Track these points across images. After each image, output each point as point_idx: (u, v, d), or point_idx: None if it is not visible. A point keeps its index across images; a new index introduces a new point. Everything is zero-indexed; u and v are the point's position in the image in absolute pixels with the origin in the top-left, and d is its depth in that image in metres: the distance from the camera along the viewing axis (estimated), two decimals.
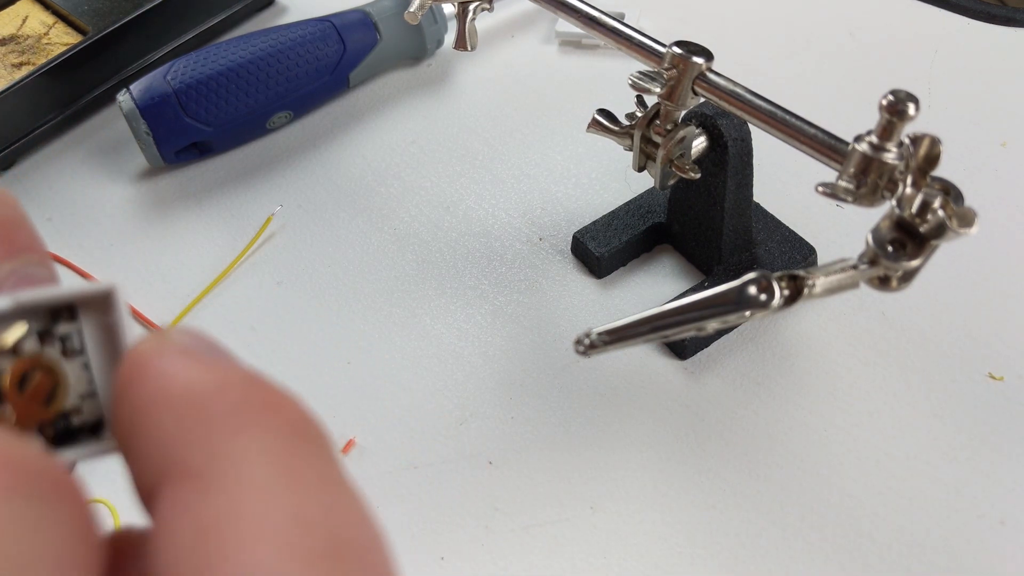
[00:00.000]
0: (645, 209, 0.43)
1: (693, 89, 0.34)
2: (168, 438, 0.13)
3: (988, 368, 0.39)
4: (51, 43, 0.49)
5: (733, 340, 0.40)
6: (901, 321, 0.40)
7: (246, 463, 0.13)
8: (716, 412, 0.38)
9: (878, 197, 0.30)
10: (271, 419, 0.14)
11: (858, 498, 0.35)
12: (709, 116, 0.37)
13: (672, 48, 0.34)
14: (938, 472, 0.36)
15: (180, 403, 0.14)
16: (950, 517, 0.35)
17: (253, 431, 0.13)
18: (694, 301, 0.29)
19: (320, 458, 0.14)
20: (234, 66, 0.45)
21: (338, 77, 0.49)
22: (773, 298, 0.28)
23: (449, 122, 0.50)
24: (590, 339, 0.30)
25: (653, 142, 0.37)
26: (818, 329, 0.40)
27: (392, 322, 0.41)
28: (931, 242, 0.28)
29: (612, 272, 0.43)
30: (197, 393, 0.14)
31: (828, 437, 0.37)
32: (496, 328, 0.41)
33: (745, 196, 0.40)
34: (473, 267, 0.43)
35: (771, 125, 0.32)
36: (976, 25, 0.52)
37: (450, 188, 0.46)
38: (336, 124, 0.50)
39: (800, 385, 0.39)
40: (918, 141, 0.28)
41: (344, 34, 0.48)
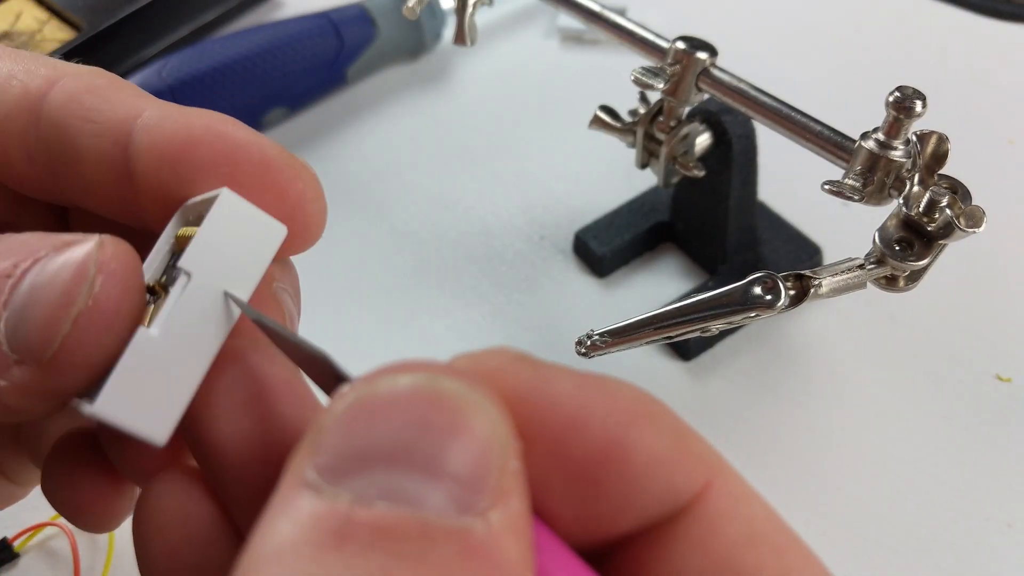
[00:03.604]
0: (648, 207, 0.43)
1: (697, 85, 0.34)
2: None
3: (996, 369, 0.38)
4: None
5: (738, 341, 0.39)
6: (908, 322, 0.40)
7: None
8: (720, 414, 0.37)
9: (885, 195, 0.29)
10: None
11: (864, 501, 0.35)
12: (713, 113, 0.37)
13: (676, 43, 0.34)
14: (945, 474, 0.36)
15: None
16: (957, 520, 0.34)
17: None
18: (698, 301, 0.28)
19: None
20: (229, 62, 0.45)
21: (335, 73, 0.48)
22: (779, 298, 0.27)
23: (448, 119, 0.49)
24: (591, 340, 0.29)
25: (656, 139, 0.37)
26: (824, 330, 0.40)
27: (390, 322, 0.41)
28: (939, 241, 0.28)
29: (614, 271, 0.42)
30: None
31: (834, 439, 0.37)
32: (496, 328, 0.40)
33: (750, 194, 0.39)
34: (472, 266, 0.43)
35: (776, 122, 0.32)
36: (983, 21, 0.51)
37: (449, 186, 0.46)
38: (333, 121, 0.49)
39: (806, 387, 0.38)
40: (925, 139, 0.28)
41: (341, 29, 0.48)
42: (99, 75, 0.21)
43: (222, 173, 0.19)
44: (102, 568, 0.33)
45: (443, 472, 0.12)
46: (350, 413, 0.13)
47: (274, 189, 0.19)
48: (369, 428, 0.13)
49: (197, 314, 0.17)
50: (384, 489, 0.12)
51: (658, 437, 0.15)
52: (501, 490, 0.13)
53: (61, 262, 0.17)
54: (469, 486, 0.12)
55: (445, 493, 0.12)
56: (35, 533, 0.33)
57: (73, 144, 0.20)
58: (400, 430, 0.12)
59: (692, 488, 0.15)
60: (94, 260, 0.17)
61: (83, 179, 0.20)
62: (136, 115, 0.20)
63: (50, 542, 0.34)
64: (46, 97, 0.20)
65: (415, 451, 0.12)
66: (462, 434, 0.13)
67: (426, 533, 0.12)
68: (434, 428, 0.13)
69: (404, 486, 0.12)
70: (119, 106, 0.20)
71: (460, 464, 0.12)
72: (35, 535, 0.33)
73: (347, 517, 0.12)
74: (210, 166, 0.19)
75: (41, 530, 0.33)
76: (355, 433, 0.13)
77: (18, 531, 0.33)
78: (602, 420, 0.15)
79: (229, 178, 0.19)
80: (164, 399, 0.17)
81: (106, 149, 0.19)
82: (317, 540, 0.12)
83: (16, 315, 0.16)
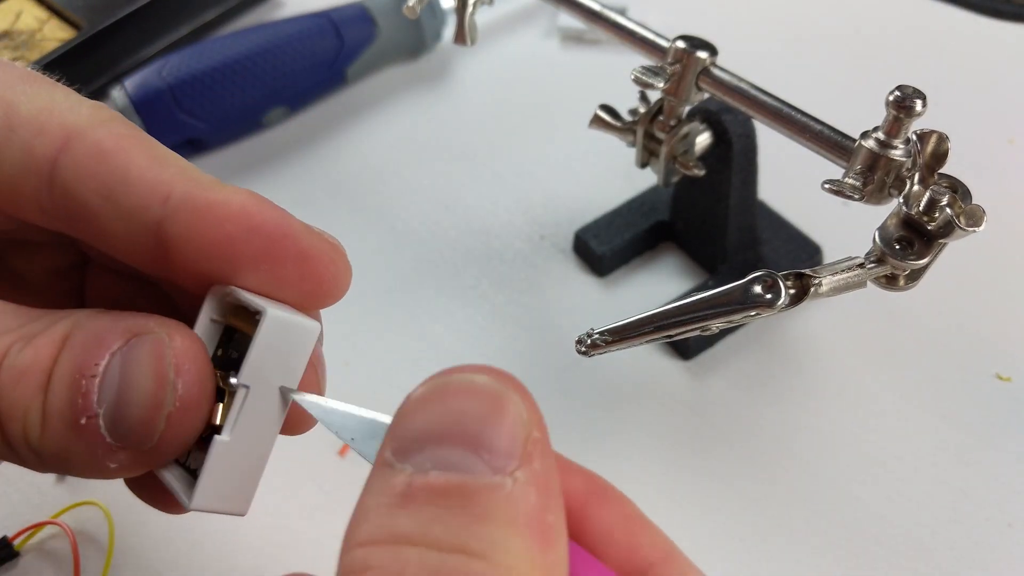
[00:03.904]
0: (648, 207, 0.43)
1: (697, 84, 0.34)
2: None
3: (996, 369, 0.38)
4: (45, 39, 0.49)
5: (738, 340, 0.39)
6: (908, 321, 0.40)
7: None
8: (720, 413, 0.37)
9: (885, 195, 0.29)
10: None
11: (864, 500, 0.35)
12: (713, 112, 0.37)
13: (676, 43, 0.34)
14: (945, 474, 0.35)
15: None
16: (957, 519, 0.34)
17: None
18: (698, 300, 0.28)
19: None
20: (229, 61, 0.45)
21: (335, 72, 0.48)
22: (779, 297, 0.27)
23: (448, 118, 0.49)
24: (591, 339, 0.29)
25: (656, 138, 0.37)
26: (824, 329, 0.40)
27: (390, 322, 0.41)
28: (939, 240, 0.28)
29: (614, 271, 0.42)
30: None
31: (834, 439, 0.37)
32: (496, 328, 0.40)
33: (750, 193, 0.39)
34: (473, 266, 0.43)
35: (776, 121, 0.32)
36: (983, 21, 0.51)
37: (449, 185, 0.46)
38: (333, 120, 0.49)
39: (806, 386, 0.38)
40: (925, 138, 0.28)
41: (341, 28, 0.47)
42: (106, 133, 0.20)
43: (263, 270, 0.20)
44: (102, 567, 0.33)
45: (479, 445, 0.16)
46: (408, 407, 0.17)
47: (312, 278, 0.21)
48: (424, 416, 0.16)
49: (258, 414, 0.21)
50: (436, 461, 0.16)
51: (626, 507, 0.20)
52: (525, 455, 0.16)
53: (143, 364, 0.19)
54: (499, 454, 0.16)
55: (481, 461, 0.16)
56: (35, 532, 0.33)
57: (97, 220, 0.20)
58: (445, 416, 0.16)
59: (652, 552, 0.20)
60: (171, 365, 0.19)
61: (108, 245, 0.21)
62: (160, 199, 0.20)
63: (50, 541, 0.34)
64: (57, 163, 0.20)
65: (456, 431, 0.16)
66: (492, 416, 0.16)
67: (466, 490, 0.15)
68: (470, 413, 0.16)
69: (451, 458, 0.16)
70: (140, 188, 0.20)
71: (492, 438, 0.16)
72: (35, 534, 0.33)
73: (408, 483, 0.16)
74: (251, 264, 0.20)
75: (41, 529, 0.33)
76: (412, 421, 0.17)
77: (18, 530, 0.33)
78: (583, 484, 0.20)
79: (270, 273, 0.20)
80: (242, 482, 0.21)
81: (135, 231, 0.20)
82: (389, 502, 0.16)
83: (113, 414, 0.19)
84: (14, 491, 0.35)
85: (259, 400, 0.21)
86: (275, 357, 0.21)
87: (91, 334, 0.19)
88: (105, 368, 0.19)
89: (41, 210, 0.21)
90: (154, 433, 0.19)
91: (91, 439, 0.19)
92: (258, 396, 0.20)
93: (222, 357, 0.22)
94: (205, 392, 0.20)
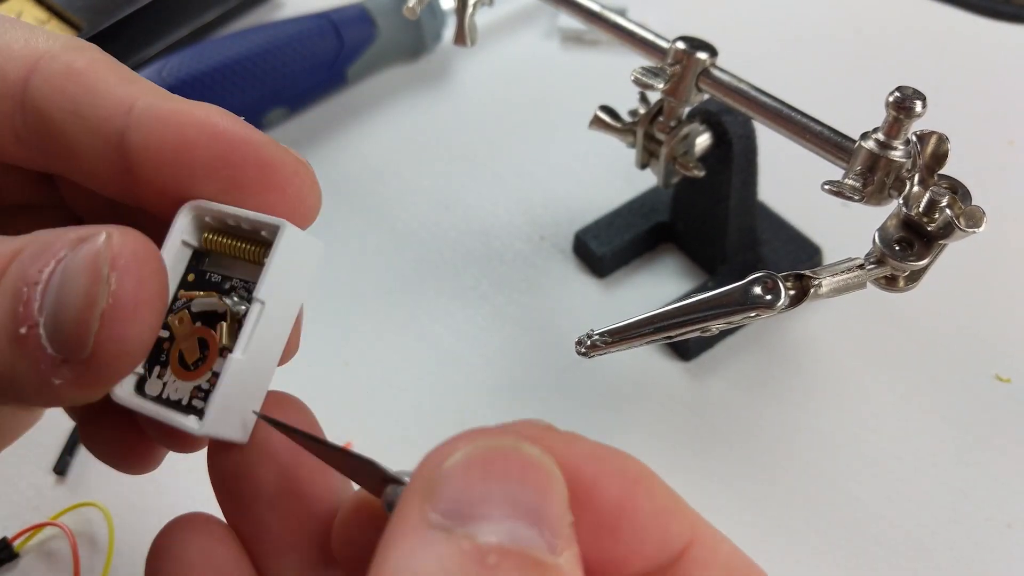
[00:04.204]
0: (648, 207, 0.43)
1: (697, 85, 0.34)
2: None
3: (995, 370, 0.38)
4: None
5: (738, 341, 0.39)
6: (908, 322, 0.40)
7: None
8: (720, 414, 0.37)
9: (885, 196, 0.29)
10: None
11: (864, 501, 0.35)
12: (713, 113, 0.37)
13: (676, 43, 0.34)
14: (945, 475, 0.35)
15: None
16: (957, 520, 0.34)
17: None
18: (698, 301, 0.28)
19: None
20: (229, 62, 0.45)
21: (335, 73, 0.48)
22: (779, 298, 0.27)
23: (448, 119, 0.49)
24: (591, 340, 0.29)
25: (656, 139, 0.37)
26: (824, 330, 0.40)
27: (390, 323, 0.41)
28: (938, 241, 0.28)
29: (614, 272, 0.42)
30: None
31: (834, 439, 0.37)
32: (496, 329, 0.40)
33: (750, 194, 0.39)
34: (473, 267, 0.43)
35: (776, 122, 0.32)
36: (983, 22, 0.51)
37: (449, 186, 0.46)
38: (333, 121, 0.49)
39: (806, 387, 0.38)
40: (925, 139, 0.28)
41: (341, 29, 0.47)
42: (77, 55, 0.20)
43: (223, 176, 0.20)
44: (102, 568, 0.33)
45: (543, 521, 0.16)
46: (461, 469, 0.16)
47: (275, 189, 0.20)
48: (482, 481, 0.16)
49: (269, 332, 0.20)
50: (505, 532, 0.15)
51: (658, 496, 0.19)
52: (569, 536, 0.16)
53: (78, 263, 0.18)
54: (555, 532, 0.16)
55: (544, 538, 0.16)
56: (35, 533, 0.33)
57: (64, 137, 0.20)
58: (506, 484, 0.16)
59: (684, 536, 0.19)
60: (105, 259, 0.18)
61: (77, 167, 0.21)
62: (124, 109, 0.20)
63: (50, 542, 0.34)
64: (28, 84, 0.20)
65: (527, 504, 0.16)
66: (549, 491, 0.16)
67: (540, 566, 0.15)
68: (533, 486, 0.16)
69: (519, 531, 0.16)
70: (106, 99, 0.20)
71: (551, 515, 0.16)
72: (35, 535, 0.33)
73: (486, 551, 0.15)
74: (210, 170, 0.20)
75: (41, 530, 0.33)
76: (471, 485, 0.16)
77: (18, 531, 0.33)
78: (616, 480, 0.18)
79: (231, 181, 0.20)
80: (247, 408, 0.20)
81: (99, 146, 0.20)
82: (473, 567, 0.15)
83: (51, 319, 0.18)
84: (14, 492, 0.35)
85: (271, 318, 0.20)
86: (288, 273, 0.20)
87: (42, 243, 0.19)
88: (49, 275, 0.18)
89: (16, 138, 0.21)
90: (87, 336, 0.18)
91: (33, 352, 0.18)
92: (270, 314, 0.20)
93: (196, 281, 0.21)
94: (146, 291, 0.18)
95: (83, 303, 0.17)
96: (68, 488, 0.35)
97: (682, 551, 0.19)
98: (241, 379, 0.20)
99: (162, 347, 0.21)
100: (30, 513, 0.34)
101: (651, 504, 0.18)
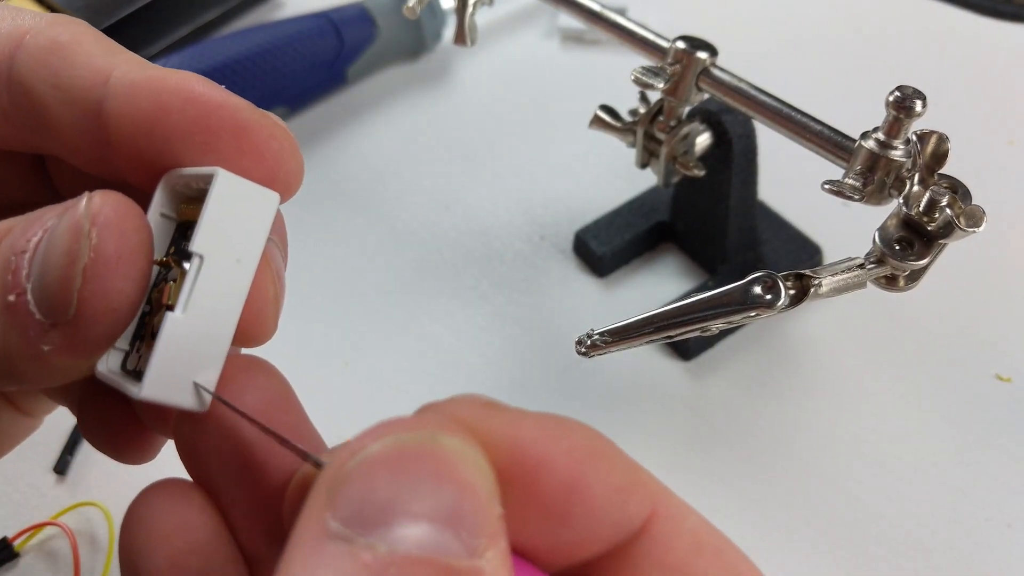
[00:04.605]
0: (648, 207, 0.43)
1: (697, 85, 0.34)
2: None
3: (995, 369, 0.38)
4: None
5: (738, 341, 0.39)
6: (908, 321, 0.40)
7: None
8: (720, 414, 0.37)
9: (885, 195, 0.29)
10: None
11: (864, 500, 0.35)
12: (713, 112, 0.37)
13: (676, 43, 0.34)
14: (944, 474, 0.35)
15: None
16: (956, 520, 0.34)
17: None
18: (698, 301, 0.28)
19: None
20: (229, 61, 0.45)
21: (335, 73, 0.48)
22: (779, 298, 0.27)
23: (448, 118, 0.49)
24: (591, 340, 0.29)
25: (656, 139, 0.37)
26: (824, 330, 0.40)
27: (390, 323, 0.41)
28: (938, 241, 0.28)
29: (614, 271, 0.42)
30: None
31: (834, 439, 0.36)
32: (496, 329, 0.40)
33: (750, 194, 0.39)
34: (473, 266, 0.43)
35: (776, 122, 0.32)
36: (983, 21, 0.51)
37: (449, 186, 0.46)
38: (333, 121, 0.49)
39: (806, 386, 0.38)
40: (925, 138, 0.28)
41: (341, 29, 0.47)
42: (62, 29, 0.20)
43: (198, 140, 0.19)
44: (102, 568, 0.33)
45: (456, 524, 0.14)
46: (365, 470, 0.15)
47: (252, 152, 0.20)
48: (389, 483, 0.14)
49: (216, 290, 0.19)
50: (412, 538, 0.14)
51: (613, 472, 0.17)
52: (493, 533, 0.15)
53: (62, 226, 0.18)
54: (475, 531, 0.14)
55: (459, 541, 0.14)
56: (35, 533, 0.33)
57: (45, 109, 0.20)
58: (418, 485, 0.14)
59: (644, 512, 0.17)
60: (86, 216, 0.18)
61: (60, 141, 0.21)
62: (103, 79, 0.20)
63: (50, 542, 0.34)
64: (13, 59, 0.20)
65: (430, 506, 0.14)
66: (468, 488, 0.15)
67: (451, 573, 0.14)
68: (448, 484, 0.15)
69: (427, 535, 0.14)
70: (85, 71, 0.20)
71: (470, 513, 0.14)
72: (35, 535, 0.33)
73: (388, 563, 0.14)
74: (185, 134, 0.19)
75: (41, 530, 0.33)
76: (376, 488, 0.14)
77: (18, 531, 0.33)
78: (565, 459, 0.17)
79: (206, 145, 0.19)
80: (200, 372, 0.19)
81: (78, 117, 0.20)
82: None
83: (37, 283, 0.18)
84: (14, 491, 0.35)
85: (215, 274, 0.19)
86: (231, 224, 0.19)
87: (31, 216, 0.19)
88: (36, 243, 0.18)
89: (3, 115, 0.21)
90: (71, 291, 0.17)
91: (22, 318, 0.18)
92: (214, 269, 0.19)
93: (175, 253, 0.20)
94: (128, 247, 0.18)
95: (65, 260, 0.18)
96: (68, 488, 0.35)
97: (643, 527, 0.18)
98: (182, 339, 0.18)
99: (144, 321, 0.20)
100: (30, 513, 0.34)
101: (606, 482, 0.17)
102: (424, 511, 0.14)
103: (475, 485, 0.15)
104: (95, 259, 0.18)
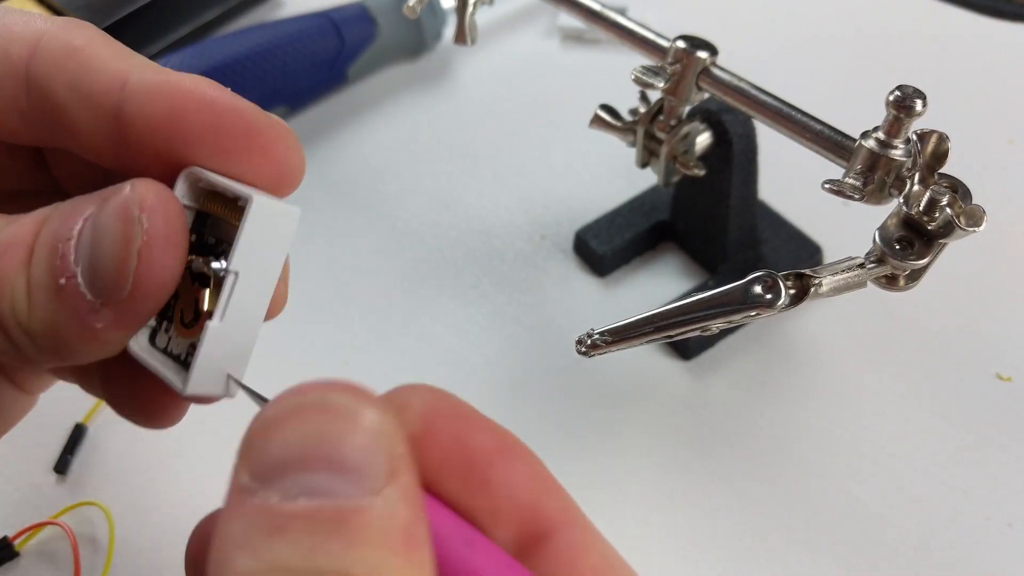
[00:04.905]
0: (649, 207, 0.43)
1: (697, 84, 0.34)
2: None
3: (996, 368, 0.38)
4: None
5: (738, 340, 0.39)
6: (908, 321, 0.40)
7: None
8: (720, 413, 0.37)
9: (885, 195, 0.29)
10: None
11: (864, 500, 0.35)
12: (713, 112, 0.37)
13: (676, 42, 0.34)
14: (945, 474, 0.35)
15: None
16: (957, 519, 0.34)
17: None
18: (698, 300, 0.28)
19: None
20: (230, 61, 0.45)
21: (335, 72, 0.48)
22: (779, 297, 0.27)
23: (449, 118, 0.49)
24: (592, 339, 0.29)
25: (656, 138, 0.37)
26: (824, 329, 0.40)
27: (390, 322, 0.41)
28: (939, 240, 0.28)
29: (615, 271, 0.42)
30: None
31: (834, 439, 0.36)
32: (496, 328, 0.40)
33: (750, 193, 0.39)
34: (473, 266, 0.43)
35: (777, 121, 0.32)
36: (984, 21, 0.51)
37: (450, 185, 0.46)
38: (333, 120, 0.49)
39: (806, 386, 0.38)
40: (925, 138, 0.28)
41: (342, 28, 0.47)
42: (77, 33, 0.22)
43: (211, 141, 0.21)
44: (102, 568, 0.33)
45: (344, 467, 0.16)
46: (263, 428, 0.16)
47: (259, 152, 0.22)
48: (281, 439, 0.16)
49: (248, 299, 0.21)
50: (303, 487, 0.15)
51: (536, 467, 0.20)
52: (391, 471, 0.16)
53: (110, 212, 0.20)
54: (365, 473, 0.16)
55: (349, 483, 0.16)
56: (35, 533, 0.33)
57: (64, 111, 0.21)
58: (305, 438, 0.16)
59: (556, 517, 0.19)
60: (134, 202, 0.20)
61: (76, 139, 0.22)
62: (119, 84, 0.21)
63: (50, 542, 0.34)
64: (31, 63, 0.21)
65: (319, 454, 0.16)
66: (351, 436, 0.16)
67: (339, 515, 0.15)
68: (330, 434, 0.16)
69: (318, 483, 0.16)
70: (102, 75, 0.21)
71: (355, 459, 0.16)
72: (35, 535, 0.33)
73: (279, 512, 0.15)
74: (199, 135, 0.21)
75: (41, 530, 0.33)
76: (271, 444, 0.16)
77: (18, 530, 0.33)
78: (493, 438, 0.19)
79: (218, 146, 0.21)
80: (232, 366, 0.22)
81: (97, 118, 0.21)
82: (264, 531, 0.15)
83: (88, 267, 0.20)
84: (14, 491, 0.35)
85: (247, 286, 0.21)
86: (261, 243, 0.21)
87: (68, 206, 0.21)
88: (80, 231, 0.20)
89: (21, 115, 0.22)
90: (127, 273, 0.20)
91: (73, 301, 0.20)
92: (246, 282, 0.21)
93: (197, 242, 0.22)
94: (174, 228, 0.20)
95: (121, 244, 0.19)
96: (68, 487, 0.35)
97: (554, 530, 0.19)
98: (220, 344, 0.21)
99: (168, 302, 0.22)
100: (30, 512, 0.34)
101: (526, 469, 0.19)
102: (312, 461, 0.16)
103: (362, 431, 0.16)
104: (147, 241, 0.20)
